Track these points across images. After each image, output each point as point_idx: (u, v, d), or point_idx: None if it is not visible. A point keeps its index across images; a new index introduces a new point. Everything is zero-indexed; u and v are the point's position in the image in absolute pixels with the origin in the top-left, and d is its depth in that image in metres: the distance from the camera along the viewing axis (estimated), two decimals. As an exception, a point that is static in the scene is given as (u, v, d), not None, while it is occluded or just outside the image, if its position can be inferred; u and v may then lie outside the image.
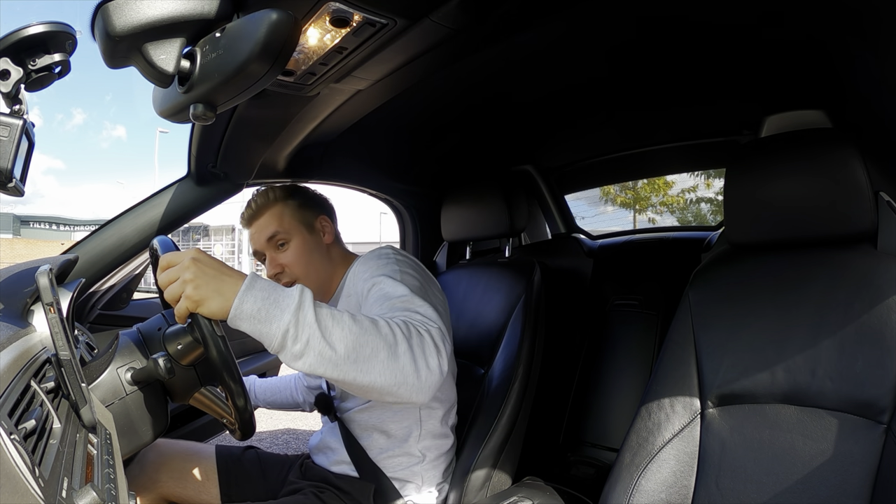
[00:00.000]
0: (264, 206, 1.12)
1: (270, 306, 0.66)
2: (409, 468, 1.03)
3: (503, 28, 0.78)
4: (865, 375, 0.74)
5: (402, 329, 0.73)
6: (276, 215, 1.11)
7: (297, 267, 1.09)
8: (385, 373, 0.69)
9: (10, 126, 0.55)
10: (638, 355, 1.63)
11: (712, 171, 7.02)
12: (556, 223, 2.00)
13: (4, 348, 0.59)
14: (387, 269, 0.95)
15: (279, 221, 1.11)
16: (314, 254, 1.12)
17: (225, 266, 0.71)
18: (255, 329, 0.66)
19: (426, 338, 0.75)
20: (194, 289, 0.66)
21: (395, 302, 0.85)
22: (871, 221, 0.79)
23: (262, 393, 1.36)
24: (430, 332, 0.77)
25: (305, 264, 1.10)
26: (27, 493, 0.38)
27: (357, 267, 1.04)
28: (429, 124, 1.33)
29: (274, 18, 0.50)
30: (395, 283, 0.89)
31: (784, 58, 0.97)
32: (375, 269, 0.96)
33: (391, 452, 1.04)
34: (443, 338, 0.78)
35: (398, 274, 0.93)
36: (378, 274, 0.94)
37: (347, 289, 1.07)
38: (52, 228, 37.66)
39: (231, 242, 13.02)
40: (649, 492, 0.83)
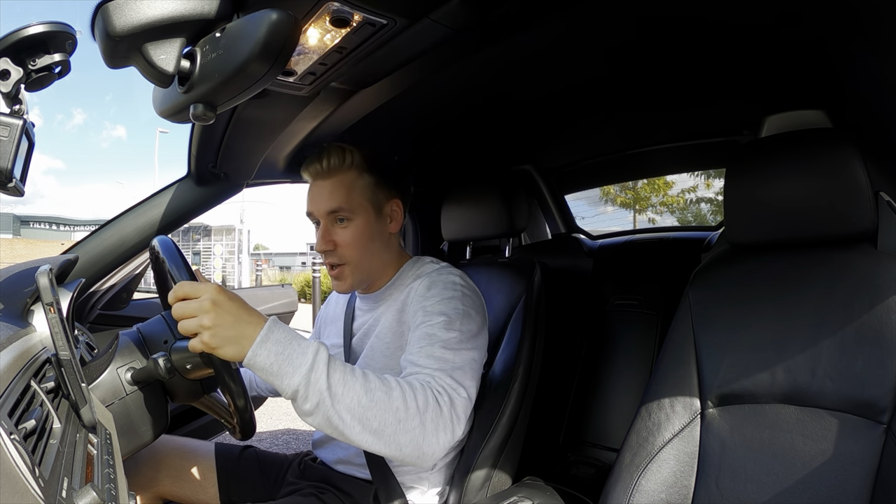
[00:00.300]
0: (337, 169, 0.98)
1: (283, 363, 0.68)
2: (418, 474, 1.01)
3: (503, 28, 0.78)
4: (865, 375, 0.74)
5: (421, 400, 0.75)
6: (345, 185, 0.98)
7: (352, 250, 0.99)
8: (389, 445, 0.72)
9: (10, 126, 0.55)
10: (638, 355, 1.63)
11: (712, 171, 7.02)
12: (556, 223, 2.00)
13: (4, 348, 0.59)
14: (449, 306, 0.91)
15: (347, 195, 0.98)
16: (375, 240, 1.00)
17: (243, 309, 0.70)
18: (268, 379, 0.69)
19: (444, 411, 0.77)
20: (211, 336, 0.67)
21: (436, 350, 0.84)
22: (871, 221, 0.79)
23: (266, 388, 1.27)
24: (453, 403, 0.79)
25: (361, 250, 0.99)
26: (27, 493, 0.38)
27: (420, 282, 0.97)
28: (429, 124, 1.33)
29: (274, 18, 0.50)
30: (448, 327, 0.87)
31: (784, 58, 0.97)
32: (438, 299, 0.92)
33: None
34: (466, 406, 0.81)
35: (459, 316, 0.90)
36: (438, 309, 0.90)
37: (401, 294, 1.01)
38: (52, 228, 37.67)
39: (231, 242, 13.02)
40: (649, 492, 0.83)
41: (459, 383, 0.82)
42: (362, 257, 1.00)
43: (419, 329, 0.89)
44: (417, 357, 0.84)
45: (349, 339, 1.09)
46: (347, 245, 0.99)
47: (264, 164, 1.26)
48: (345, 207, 0.98)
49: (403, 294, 1.00)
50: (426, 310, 0.91)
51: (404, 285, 1.02)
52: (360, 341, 1.07)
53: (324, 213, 0.99)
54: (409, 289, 0.99)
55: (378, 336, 1.01)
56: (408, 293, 0.98)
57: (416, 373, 0.82)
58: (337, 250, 0.99)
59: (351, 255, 0.99)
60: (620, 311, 1.72)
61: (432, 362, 0.83)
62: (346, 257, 0.99)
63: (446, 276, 0.98)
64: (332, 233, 0.99)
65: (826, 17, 0.79)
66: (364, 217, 0.99)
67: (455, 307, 0.92)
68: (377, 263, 1.03)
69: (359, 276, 1.01)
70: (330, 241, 0.99)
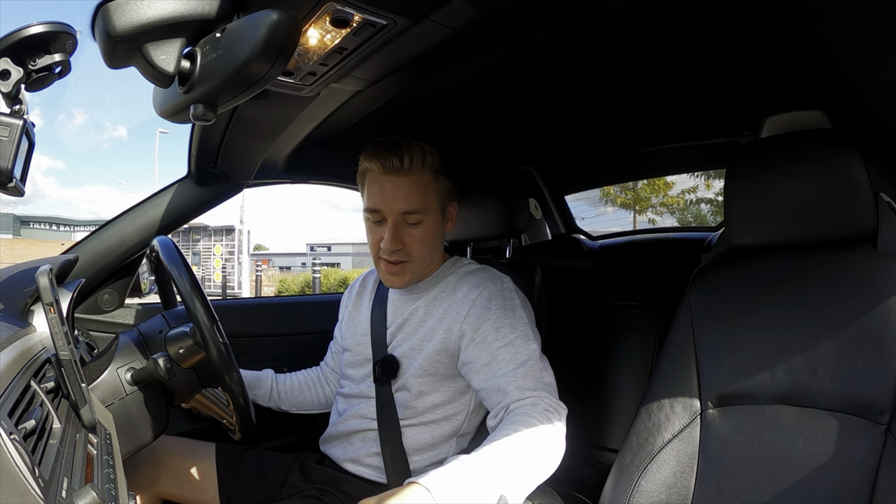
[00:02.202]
0: (417, 170, 0.98)
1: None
2: None
3: (504, 29, 0.78)
4: (865, 376, 0.74)
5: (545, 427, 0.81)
6: (422, 187, 0.99)
7: (420, 249, 1.01)
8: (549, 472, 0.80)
9: (10, 126, 0.55)
10: (638, 356, 1.63)
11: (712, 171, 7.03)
12: (557, 224, 2.00)
13: (4, 348, 0.59)
14: (516, 316, 0.96)
15: (423, 197, 0.99)
16: (437, 239, 1.04)
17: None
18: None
19: (558, 427, 0.83)
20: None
21: (528, 369, 0.90)
22: (872, 222, 0.79)
23: (287, 393, 1.23)
24: (559, 414, 0.85)
25: (427, 248, 1.02)
26: (27, 493, 0.38)
27: (475, 291, 0.99)
28: (429, 125, 1.33)
29: (274, 19, 0.50)
30: (526, 339, 0.93)
31: (784, 58, 0.97)
32: (501, 308, 0.96)
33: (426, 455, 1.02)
34: (566, 413, 0.87)
35: (528, 325, 0.96)
36: (510, 323, 0.94)
37: (441, 293, 1.03)
38: (52, 229, 37.67)
39: (231, 242, 13.01)
40: (649, 492, 0.83)
41: (554, 390, 0.90)
42: (426, 255, 1.03)
43: (502, 350, 0.92)
44: (518, 385, 0.88)
45: (383, 329, 1.08)
46: (417, 245, 1.01)
47: (264, 164, 1.26)
48: (421, 210, 0.99)
49: (448, 296, 1.02)
50: (497, 325, 0.94)
51: (443, 283, 1.05)
52: (399, 333, 1.06)
53: (397, 213, 0.99)
54: (462, 294, 1.00)
55: (428, 339, 1.01)
56: (462, 300, 1.00)
57: (524, 400, 0.86)
58: (405, 249, 1.00)
59: (418, 253, 1.01)
60: (620, 312, 1.71)
61: (531, 383, 0.88)
62: (413, 255, 1.01)
63: (499, 284, 1.01)
64: (403, 232, 1.00)
65: (826, 18, 0.79)
66: (434, 219, 1.02)
67: (521, 317, 0.96)
68: (433, 260, 1.07)
69: (418, 272, 1.04)
70: (400, 241, 1.00)
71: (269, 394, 1.20)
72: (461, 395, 1.03)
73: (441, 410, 1.02)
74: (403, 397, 1.03)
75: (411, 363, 1.02)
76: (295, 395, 1.23)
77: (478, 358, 0.93)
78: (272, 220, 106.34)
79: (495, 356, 0.92)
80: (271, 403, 1.21)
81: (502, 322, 0.94)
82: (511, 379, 0.88)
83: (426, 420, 1.02)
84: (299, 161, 1.33)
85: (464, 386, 1.02)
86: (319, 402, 1.25)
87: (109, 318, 1.29)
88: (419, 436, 1.02)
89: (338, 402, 1.16)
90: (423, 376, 1.01)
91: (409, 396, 1.02)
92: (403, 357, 1.03)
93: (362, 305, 1.18)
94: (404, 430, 1.02)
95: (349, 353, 1.15)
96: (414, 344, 1.03)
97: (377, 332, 1.09)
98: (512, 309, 0.97)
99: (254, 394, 1.19)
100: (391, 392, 1.04)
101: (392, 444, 1.02)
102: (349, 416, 1.09)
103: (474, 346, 0.95)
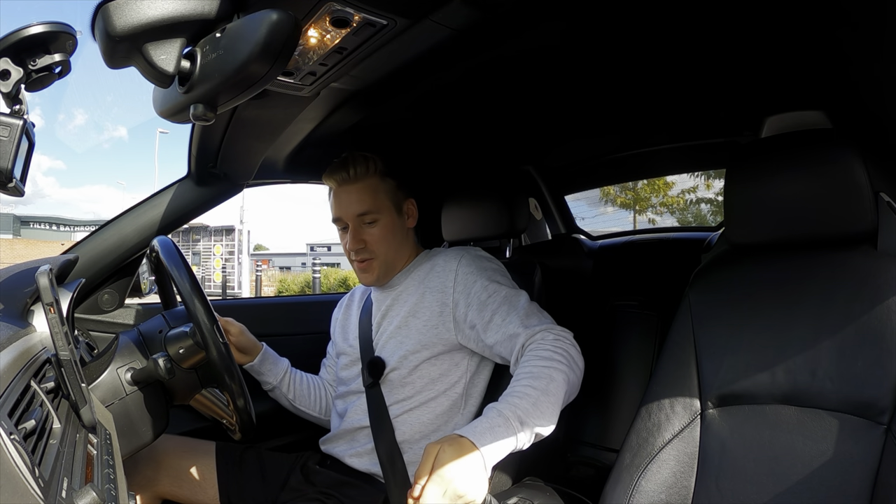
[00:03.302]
0: (362, 176, 1.10)
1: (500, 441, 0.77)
2: None
3: (504, 29, 0.78)
4: (865, 376, 0.74)
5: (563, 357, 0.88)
6: (370, 190, 1.10)
7: (380, 246, 1.11)
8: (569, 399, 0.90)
9: (10, 126, 0.55)
10: (638, 356, 1.63)
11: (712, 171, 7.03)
12: (557, 223, 2.00)
13: (4, 348, 0.59)
14: (498, 273, 1.07)
15: (373, 198, 1.10)
16: (397, 236, 1.13)
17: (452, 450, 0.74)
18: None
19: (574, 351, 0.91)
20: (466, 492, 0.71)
21: (527, 311, 0.98)
22: (872, 222, 0.79)
23: (296, 386, 1.24)
24: (568, 338, 0.93)
25: (388, 244, 1.12)
26: (27, 494, 0.38)
27: (443, 261, 1.09)
28: (429, 125, 1.33)
29: (274, 19, 0.50)
30: (514, 290, 1.03)
31: (784, 58, 0.97)
32: (481, 270, 1.05)
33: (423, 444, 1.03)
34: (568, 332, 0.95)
35: (509, 279, 1.07)
36: (490, 279, 1.03)
37: (416, 276, 1.12)
38: (52, 229, 37.68)
39: (231, 243, 13.00)
40: (649, 492, 0.83)
41: (552, 323, 0.98)
42: (388, 251, 1.12)
43: (499, 305, 0.99)
44: (523, 323, 0.95)
45: (369, 329, 1.15)
46: (377, 242, 1.11)
47: (264, 164, 1.26)
48: (372, 210, 1.10)
49: (423, 275, 1.10)
50: (485, 285, 1.02)
51: (418, 269, 1.13)
52: (383, 322, 1.13)
53: (353, 217, 1.11)
54: (438, 270, 1.09)
55: (413, 314, 1.08)
56: (441, 275, 1.07)
57: (534, 335, 0.93)
58: (367, 247, 1.11)
59: (379, 249, 1.11)
60: (620, 312, 1.71)
61: (535, 321, 0.96)
62: (375, 252, 1.11)
63: (472, 251, 1.11)
64: (362, 233, 1.11)
65: (826, 18, 0.79)
66: (388, 216, 1.12)
67: (503, 273, 1.09)
68: (398, 255, 1.15)
69: (384, 267, 1.13)
70: (361, 241, 1.11)
71: (281, 376, 1.22)
72: (457, 365, 1.07)
73: (440, 384, 1.05)
74: (398, 376, 1.05)
75: (404, 341, 1.06)
76: (303, 389, 1.26)
77: (479, 318, 1.00)
78: (272, 220, 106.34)
79: (496, 311, 0.99)
80: (280, 386, 1.22)
81: (488, 282, 1.03)
82: (517, 322, 0.96)
83: (425, 398, 1.04)
84: (299, 161, 1.33)
85: (459, 356, 1.06)
86: (319, 407, 1.27)
87: (109, 318, 1.29)
88: (420, 418, 1.04)
89: (336, 405, 1.18)
90: (420, 350, 1.05)
91: (403, 374, 1.05)
92: (390, 339, 1.08)
93: (351, 315, 1.24)
94: (402, 417, 1.05)
95: (343, 356, 1.20)
96: (399, 322, 1.08)
97: (364, 333, 1.15)
98: (492, 269, 1.07)
99: (268, 369, 1.21)
100: (380, 392, 1.07)
101: (387, 443, 1.03)
102: (349, 415, 1.11)
103: (472, 309, 1.01)
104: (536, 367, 0.86)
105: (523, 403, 0.81)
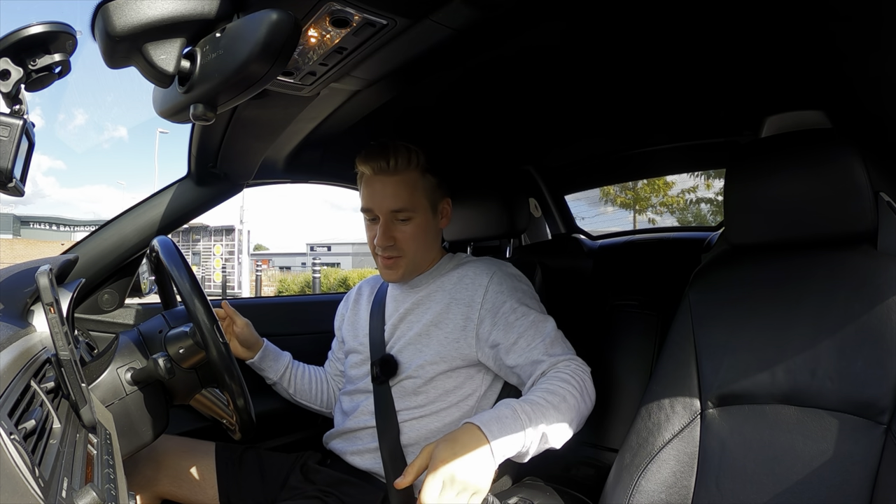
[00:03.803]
0: (403, 169, 1.04)
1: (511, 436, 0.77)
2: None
3: (504, 28, 0.78)
4: (865, 376, 0.74)
5: (577, 386, 0.88)
6: (409, 185, 1.04)
7: (411, 245, 1.06)
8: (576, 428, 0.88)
9: (10, 126, 0.55)
10: (638, 356, 1.63)
11: (712, 171, 7.03)
12: (557, 223, 2.00)
13: (4, 348, 0.59)
14: (528, 296, 1.04)
15: (410, 195, 1.04)
16: (429, 236, 1.09)
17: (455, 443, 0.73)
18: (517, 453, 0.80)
19: (588, 387, 0.91)
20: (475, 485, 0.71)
21: (553, 339, 0.97)
22: (871, 222, 0.79)
23: (298, 379, 1.23)
24: (586, 371, 0.94)
25: (418, 244, 1.07)
26: (27, 494, 0.38)
27: (475, 272, 1.05)
28: (429, 124, 1.33)
29: (274, 18, 0.50)
30: (543, 315, 1.01)
31: (784, 58, 0.97)
32: (513, 290, 1.02)
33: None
34: (587, 366, 0.95)
35: (539, 304, 1.05)
36: (520, 300, 1.01)
37: (444, 283, 1.08)
38: (52, 229, 37.67)
39: (231, 242, 12.99)
40: (649, 492, 0.83)
41: (581, 364, 0.95)
42: (418, 250, 1.08)
43: (526, 328, 0.97)
44: (548, 352, 0.95)
45: (381, 328, 1.12)
46: (408, 241, 1.06)
47: (264, 164, 1.26)
48: (408, 207, 1.04)
49: (453, 285, 1.06)
50: (514, 306, 1.00)
51: (445, 275, 1.09)
52: (401, 325, 1.10)
53: (386, 211, 1.05)
54: (469, 282, 1.05)
55: (436, 324, 1.04)
56: (472, 287, 1.04)
57: (557, 363, 0.94)
58: (396, 245, 1.06)
59: (409, 249, 1.06)
60: (620, 312, 1.71)
61: (559, 350, 0.96)
62: (405, 251, 1.06)
63: (505, 268, 1.08)
64: (394, 229, 1.06)
65: (826, 17, 0.79)
66: (423, 215, 1.07)
67: (533, 296, 1.05)
68: (428, 254, 1.11)
69: (411, 266, 1.09)
70: (391, 237, 1.05)
71: (283, 371, 1.21)
72: (472, 378, 1.05)
73: (453, 396, 1.04)
74: (412, 385, 1.04)
75: (423, 350, 1.04)
76: (304, 383, 1.25)
77: (504, 339, 0.98)
78: (272, 220, 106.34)
79: (521, 334, 0.97)
80: (281, 381, 1.21)
81: (518, 303, 1.00)
82: (542, 350, 0.95)
83: (437, 408, 1.03)
84: (299, 161, 1.33)
85: (475, 370, 1.04)
86: (321, 401, 1.26)
87: (109, 318, 1.29)
88: (429, 426, 1.03)
89: (342, 402, 1.17)
90: (438, 362, 1.02)
91: (418, 383, 1.03)
92: (408, 345, 1.06)
93: (360, 309, 1.21)
94: (411, 422, 1.03)
95: (354, 354, 1.17)
96: (420, 330, 1.05)
97: (375, 331, 1.12)
98: (522, 290, 1.04)
99: (269, 365, 1.20)
100: (389, 390, 1.05)
101: (390, 442, 1.02)
102: (355, 414, 1.10)
103: (497, 328, 0.99)
104: (553, 385, 0.87)
105: (535, 405, 0.82)
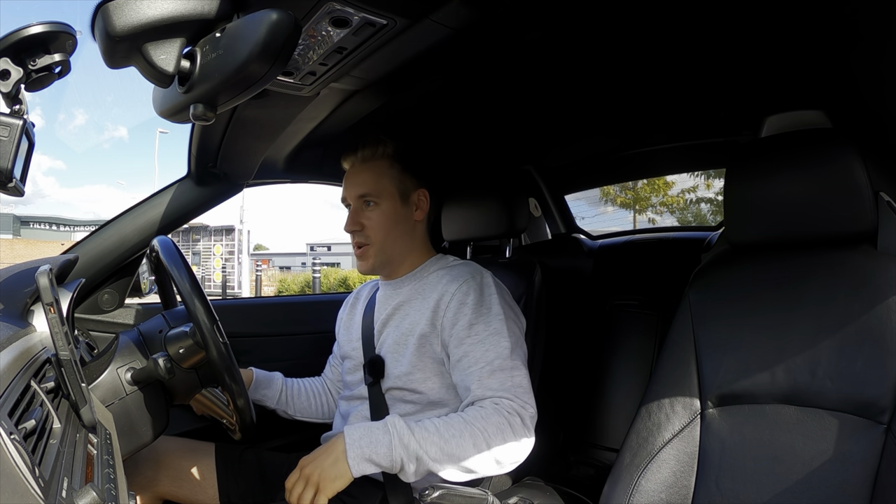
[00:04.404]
0: (369, 158, 1.09)
1: (373, 449, 0.84)
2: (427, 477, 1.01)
3: (503, 29, 0.78)
4: (865, 375, 0.74)
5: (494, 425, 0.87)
6: (374, 173, 1.08)
7: (376, 232, 1.07)
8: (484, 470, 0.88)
9: (10, 126, 0.55)
10: (638, 355, 1.63)
11: (712, 171, 7.03)
12: (557, 223, 2.00)
13: (4, 348, 0.59)
14: (491, 313, 0.98)
15: (376, 181, 1.07)
16: (398, 225, 1.09)
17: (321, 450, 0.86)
18: (379, 465, 0.85)
19: (517, 429, 0.89)
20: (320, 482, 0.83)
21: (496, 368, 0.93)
22: (871, 222, 0.79)
23: (295, 398, 1.23)
24: (523, 421, 0.90)
25: (385, 232, 1.08)
26: (27, 493, 0.38)
27: (455, 285, 1.01)
28: (429, 124, 1.33)
29: (274, 18, 0.50)
30: (499, 336, 0.96)
31: (784, 58, 0.97)
32: (477, 305, 0.99)
33: None
34: (534, 419, 0.92)
35: (503, 323, 0.98)
36: (480, 316, 0.98)
37: (424, 287, 1.07)
38: (52, 229, 37.66)
39: (231, 242, 12.99)
40: (649, 492, 0.83)
41: (525, 402, 0.92)
42: (385, 239, 1.08)
43: (473, 347, 0.96)
44: (482, 383, 0.93)
45: (371, 329, 1.12)
46: (373, 227, 1.08)
47: (264, 164, 1.26)
48: (372, 192, 1.07)
49: (430, 289, 1.05)
50: (471, 322, 0.97)
51: (427, 277, 1.09)
52: (385, 329, 1.10)
53: (354, 197, 1.09)
54: (441, 288, 1.03)
55: (411, 332, 1.04)
56: (440, 294, 1.02)
57: (483, 401, 0.91)
58: (363, 231, 1.08)
59: (375, 236, 1.08)
60: (620, 312, 1.71)
61: (496, 384, 0.92)
62: (371, 238, 1.08)
63: (479, 278, 1.04)
64: (360, 215, 1.09)
65: (826, 17, 0.79)
66: (390, 202, 1.08)
67: (497, 314, 0.99)
68: (399, 247, 1.10)
69: (381, 257, 1.09)
70: (357, 223, 1.08)
71: (278, 395, 1.21)
72: (452, 388, 1.03)
73: (444, 397, 1.03)
74: (400, 394, 1.04)
75: (399, 360, 1.04)
76: (301, 401, 1.24)
77: (453, 353, 0.98)
78: (272, 220, 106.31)
79: (466, 353, 0.96)
80: (279, 406, 1.21)
81: (476, 318, 0.98)
82: (476, 378, 0.93)
83: (427, 412, 1.03)
84: (299, 161, 1.33)
85: (450, 380, 1.03)
86: (322, 412, 1.26)
87: (109, 318, 1.29)
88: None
89: (340, 406, 1.17)
90: (415, 372, 1.02)
91: (405, 392, 1.03)
92: (389, 353, 1.06)
93: (356, 313, 1.21)
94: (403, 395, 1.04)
95: (348, 360, 1.18)
96: (398, 338, 1.05)
97: (366, 332, 1.13)
98: (488, 305, 1.00)
99: (263, 393, 1.19)
100: (381, 393, 1.06)
101: None
102: (350, 418, 1.10)
103: (451, 341, 0.99)
104: (456, 419, 0.88)
105: (420, 426, 0.85)
